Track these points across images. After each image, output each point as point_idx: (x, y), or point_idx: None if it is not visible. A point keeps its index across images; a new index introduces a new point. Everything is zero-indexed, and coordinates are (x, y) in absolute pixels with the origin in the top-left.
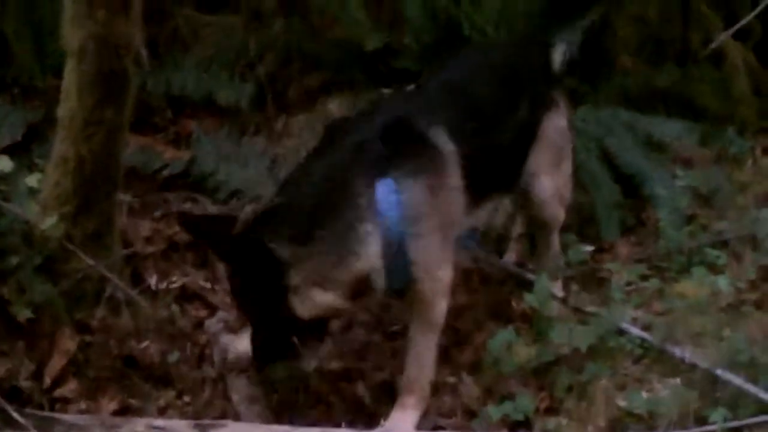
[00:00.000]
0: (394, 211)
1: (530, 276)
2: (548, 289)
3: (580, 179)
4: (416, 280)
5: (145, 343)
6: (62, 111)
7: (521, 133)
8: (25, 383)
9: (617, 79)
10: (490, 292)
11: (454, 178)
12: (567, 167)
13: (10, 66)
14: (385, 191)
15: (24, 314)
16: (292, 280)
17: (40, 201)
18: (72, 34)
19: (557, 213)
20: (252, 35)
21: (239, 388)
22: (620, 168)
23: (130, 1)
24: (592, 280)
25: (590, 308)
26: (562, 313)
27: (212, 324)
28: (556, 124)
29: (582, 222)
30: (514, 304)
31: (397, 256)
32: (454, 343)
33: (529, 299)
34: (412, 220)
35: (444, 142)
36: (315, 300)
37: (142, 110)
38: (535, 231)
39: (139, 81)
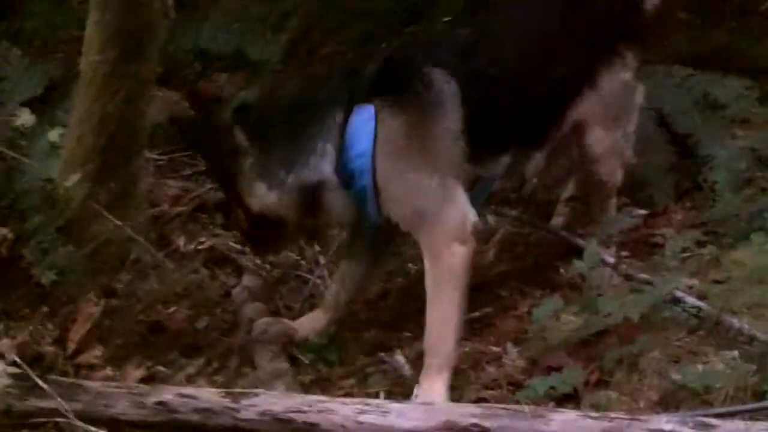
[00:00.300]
0: (366, 138)
1: (579, 241)
2: (598, 255)
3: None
4: (413, 224)
5: (172, 309)
6: (85, 64)
7: (560, 85)
8: (48, 349)
9: (672, 35)
10: (535, 258)
11: (449, 120)
12: (628, 126)
13: (29, 17)
14: (362, 118)
15: (47, 277)
16: (243, 167)
17: (63, 158)
18: None
19: (613, 172)
20: None
21: (264, 363)
22: (674, 129)
23: None
24: (644, 246)
25: (642, 276)
26: (613, 280)
27: (237, 292)
28: (618, 77)
29: (634, 185)
30: (561, 270)
31: (364, 187)
32: (498, 311)
33: (578, 266)
34: (386, 153)
35: (443, 81)
36: (259, 194)
37: (169, 64)
38: (590, 192)
39: (166, 33)
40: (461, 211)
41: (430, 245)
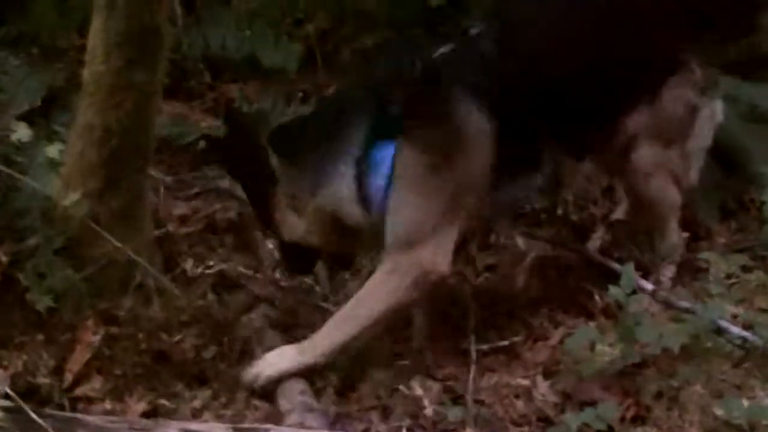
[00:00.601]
0: (387, 164)
1: (616, 266)
2: (635, 281)
3: None
4: (388, 246)
5: (177, 337)
6: (87, 74)
7: (603, 97)
8: (43, 380)
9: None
10: (568, 284)
11: (478, 157)
12: (691, 145)
13: (28, 22)
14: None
15: (43, 303)
16: (277, 194)
17: (62, 175)
18: None
19: (666, 192)
20: None
21: (291, 396)
22: (719, 143)
23: None
24: (686, 271)
25: (683, 303)
26: (652, 308)
27: (255, 319)
28: (678, 91)
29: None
30: (596, 297)
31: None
32: (527, 341)
33: (614, 292)
34: (401, 183)
35: (472, 111)
36: (291, 224)
37: (177, 73)
38: (640, 214)
39: (174, 40)
40: (439, 257)
41: (391, 261)
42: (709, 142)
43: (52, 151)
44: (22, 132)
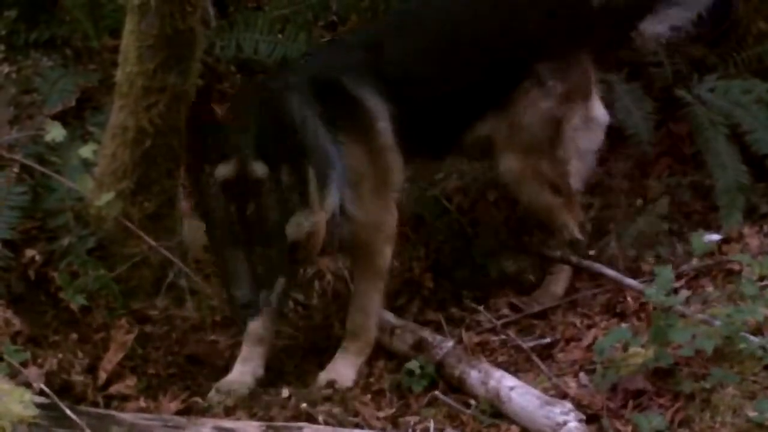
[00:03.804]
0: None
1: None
2: (670, 283)
3: (703, 159)
4: (359, 233)
5: (210, 337)
6: (120, 76)
7: (459, 98)
8: (78, 378)
9: (751, 46)
10: (599, 284)
11: (384, 136)
12: (562, 152)
13: (62, 24)
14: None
15: (77, 302)
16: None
17: (95, 175)
18: None
19: (539, 197)
20: None
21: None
22: (751, 147)
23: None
24: (719, 273)
25: (716, 305)
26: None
27: None
28: (534, 103)
29: (707, 209)
30: (629, 298)
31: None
32: (560, 341)
33: (649, 293)
34: (353, 183)
35: (375, 102)
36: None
37: (209, 76)
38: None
39: (206, 43)
40: (394, 218)
41: (367, 246)
42: (594, 144)
43: (86, 151)
44: (56, 132)
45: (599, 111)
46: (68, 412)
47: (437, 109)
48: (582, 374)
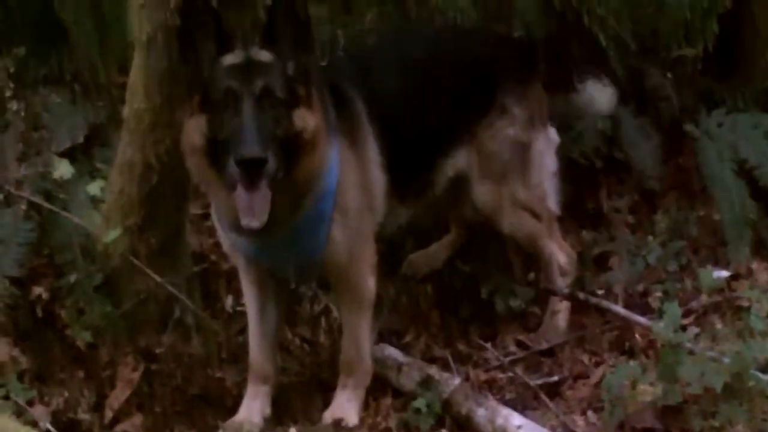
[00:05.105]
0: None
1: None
2: (678, 319)
3: (710, 193)
4: (341, 262)
5: (217, 374)
6: (128, 111)
7: (427, 134)
8: (84, 416)
9: (759, 79)
10: (607, 320)
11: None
12: (535, 177)
13: (70, 60)
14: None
15: (83, 338)
16: None
17: (103, 211)
18: (140, 24)
19: (522, 225)
20: (341, 27)
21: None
22: (759, 182)
23: None
24: (727, 309)
25: (726, 342)
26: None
27: None
28: (499, 132)
29: (715, 243)
30: (637, 335)
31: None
32: (567, 378)
33: (657, 329)
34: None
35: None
36: None
37: None
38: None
39: None
40: (372, 249)
41: (349, 279)
42: (555, 166)
43: (94, 187)
44: (64, 169)
45: (554, 134)
46: None
47: (407, 147)
48: (590, 412)
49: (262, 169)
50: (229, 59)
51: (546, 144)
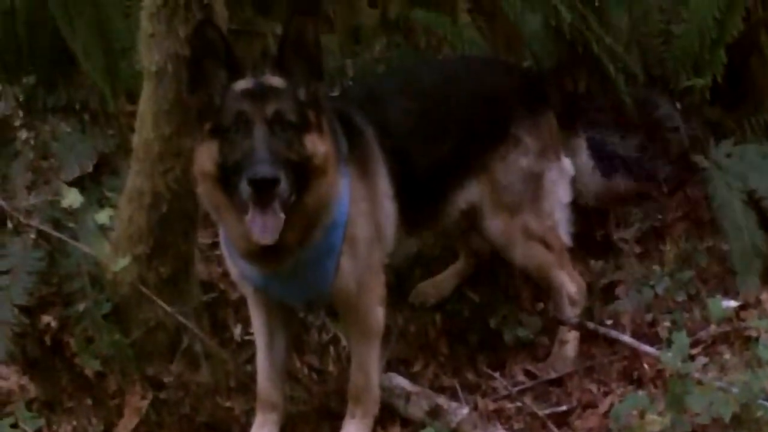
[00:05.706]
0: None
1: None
2: (687, 349)
3: (719, 224)
4: (349, 293)
5: (226, 403)
6: (137, 140)
7: (438, 165)
8: None
9: (767, 109)
10: (615, 350)
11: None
12: (548, 206)
13: (79, 89)
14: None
15: (91, 367)
16: None
17: (112, 240)
18: (149, 54)
19: (533, 256)
20: (349, 56)
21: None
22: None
23: (213, 18)
24: (736, 339)
25: (734, 372)
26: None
27: None
28: (512, 164)
29: (724, 273)
30: (645, 365)
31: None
32: (576, 408)
33: (665, 359)
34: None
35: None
36: None
37: None
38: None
39: None
40: (381, 279)
41: (358, 308)
42: (569, 197)
43: (103, 216)
44: (73, 198)
45: (568, 164)
46: None
47: (418, 179)
48: None
49: (274, 189)
50: (241, 84)
51: (559, 174)
